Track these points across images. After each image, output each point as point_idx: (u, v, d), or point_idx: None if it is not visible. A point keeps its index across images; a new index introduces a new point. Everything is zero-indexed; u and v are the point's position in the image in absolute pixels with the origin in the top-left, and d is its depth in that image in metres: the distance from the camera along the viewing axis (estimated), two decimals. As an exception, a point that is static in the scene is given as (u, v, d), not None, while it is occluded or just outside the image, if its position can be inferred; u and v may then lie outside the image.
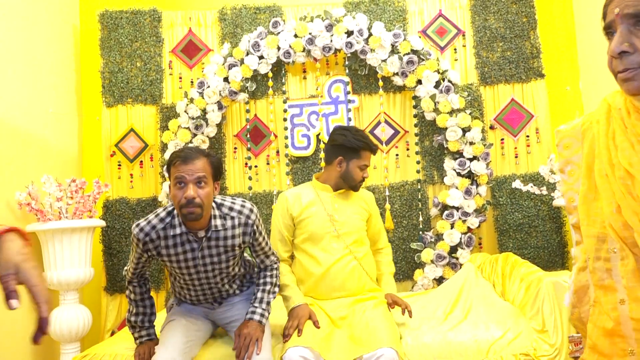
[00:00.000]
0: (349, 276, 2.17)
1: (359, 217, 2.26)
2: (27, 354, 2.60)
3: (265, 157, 3.15)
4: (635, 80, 0.95)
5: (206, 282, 1.95)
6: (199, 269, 1.89)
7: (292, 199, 2.24)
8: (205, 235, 1.84)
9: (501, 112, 3.07)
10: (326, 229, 2.19)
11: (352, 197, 2.29)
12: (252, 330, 1.87)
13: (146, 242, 1.83)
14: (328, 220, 2.20)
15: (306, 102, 3.13)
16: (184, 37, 3.22)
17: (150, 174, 3.15)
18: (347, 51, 2.98)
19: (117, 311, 3.05)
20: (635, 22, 0.94)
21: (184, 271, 1.90)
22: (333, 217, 2.21)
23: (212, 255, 1.88)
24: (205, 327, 2.05)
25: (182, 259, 1.86)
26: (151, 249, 1.84)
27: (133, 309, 1.98)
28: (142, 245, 1.84)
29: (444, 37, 3.15)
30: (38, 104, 2.87)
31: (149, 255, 1.88)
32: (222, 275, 1.95)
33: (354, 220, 2.23)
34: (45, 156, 2.87)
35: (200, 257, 1.86)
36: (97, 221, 2.74)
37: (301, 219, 2.21)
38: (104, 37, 3.15)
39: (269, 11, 3.17)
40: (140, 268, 1.95)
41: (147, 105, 3.16)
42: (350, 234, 2.20)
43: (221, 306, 2.09)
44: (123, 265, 3.02)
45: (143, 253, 1.87)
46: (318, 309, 2.10)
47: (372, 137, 3.10)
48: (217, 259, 1.90)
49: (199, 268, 1.89)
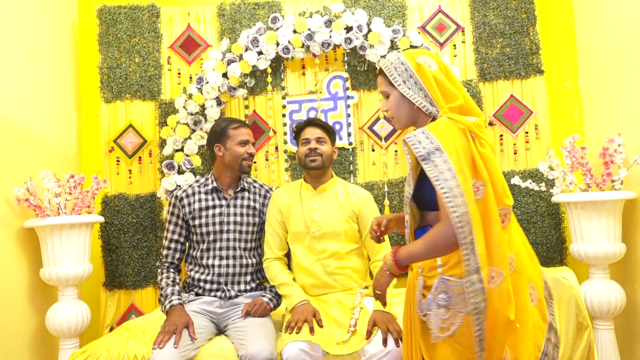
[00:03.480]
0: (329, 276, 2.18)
1: (343, 216, 2.23)
2: (25, 350, 2.61)
3: (264, 153, 3.14)
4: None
5: (225, 247, 2.21)
6: (224, 227, 2.22)
7: (279, 197, 2.32)
8: (234, 192, 2.28)
9: (500, 109, 3.06)
10: (304, 229, 2.22)
11: (335, 196, 2.27)
12: (259, 304, 2.14)
13: (182, 198, 2.26)
14: (305, 220, 2.23)
15: (305, 98, 3.13)
16: (183, 32, 3.21)
17: (149, 169, 3.15)
18: (346, 47, 2.97)
19: (116, 307, 3.05)
20: None
21: (210, 229, 2.21)
22: (312, 218, 2.22)
23: (236, 214, 2.25)
24: (207, 330, 2.08)
25: (210, 214, 2.23)
26: (186, 206, 2.24)
27: (164, 282, 2.19)
28: (179, 203, 2.25)
29: (443, 33, 3.15)
30: (36, 99, 2.86)
31: (184, 219, 2.25)
32: (241, 242, 2.24)
33: (334, 221, 2.22)
34: (43, 152, 2.87)
35: (226, 214, 2.24)
36: (96, 217, 2.74)
37: (285, 217, 2.28)
38: (103, 32, 3.14)
39: (267, 7, 3.16)
40: (174, 244, 2.24)
41: (145, 101, 3.16)
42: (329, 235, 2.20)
43: (229, 305, 2.14)
44: (122, 261, 3.02)
45: (178, 218, 2.25)
46: (314, 304, 2.11)
47: (371, 133, 3.10)
48: (240, 220, 2.25)
49: (223, 227, 2.22)
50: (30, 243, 2.66)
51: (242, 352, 1.89)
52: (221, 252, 2.21)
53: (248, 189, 2.33)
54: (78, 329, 2.61)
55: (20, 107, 2.70)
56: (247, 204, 2.29)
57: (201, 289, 2.21)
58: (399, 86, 1.50)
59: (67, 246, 2.57)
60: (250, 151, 2.27)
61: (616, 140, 2.57)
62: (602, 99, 2.88)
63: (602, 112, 2.88)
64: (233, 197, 2.28)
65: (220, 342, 2.05)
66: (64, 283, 2.60)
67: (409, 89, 1.48)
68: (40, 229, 2.56)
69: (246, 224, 2.27)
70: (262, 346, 1.87)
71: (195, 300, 2.18)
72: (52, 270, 2.56)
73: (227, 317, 2.14)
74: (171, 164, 2.97)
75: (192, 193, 2.27)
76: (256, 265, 2.29)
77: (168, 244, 2.26)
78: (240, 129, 2.28)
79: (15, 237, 2.59)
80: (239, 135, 2.26)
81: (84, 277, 2.65)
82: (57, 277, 2.56)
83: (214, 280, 2.20)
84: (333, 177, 2.35)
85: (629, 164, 2.53)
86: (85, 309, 2.66)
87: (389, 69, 1.53)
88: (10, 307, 2.51)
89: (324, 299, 2.18)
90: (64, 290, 2.63)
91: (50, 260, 2.57)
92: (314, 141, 2.23)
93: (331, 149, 2.29)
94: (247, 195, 2.31)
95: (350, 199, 2.27)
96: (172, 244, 2.26)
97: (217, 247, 2.22)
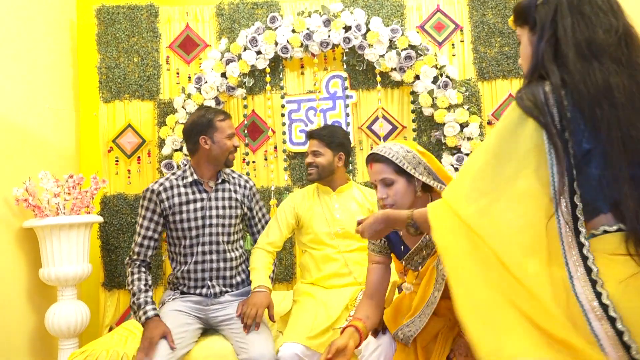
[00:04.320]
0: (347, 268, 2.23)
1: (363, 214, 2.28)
2: (25, 350, 2.60)
3: (263, 152, 3.14)
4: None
5: (208, 242, 2.13)
6: (206, 221, 2.12)
7: (296, 200, 2.35)
8: (215, 184, 2.18)
9: (499, 108, 3.07)
10: (327, 229, 2.27)
11: (353, 197, 2.33)
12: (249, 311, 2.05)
13: (160, 192, 2.12)
14: (327, 220, 2.28)
15: (304, 98, 3.13)
16: (181, 32, 3.20)
17: (148, 169, 3.15)
18: (345, 46, 2.97)
19: (115, 307, 3.05)
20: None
21: (192, 224, 2.11)
22: (333, 217, 2.28)
23: (218, 207, 2.16)
24: (192, 327, 2.04)
25: (191, 209, 2.12)
26: (164, 200, 2.11)
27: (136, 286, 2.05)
28: (156, 197, 2.11)
29: (441, 33, 3.15)
30: (35, 99, 2.86)
31: (160, 215, 2.12)
32: (224, 235, 2.16)
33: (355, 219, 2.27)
34: (42, 152, 2.87)
35: (208, 207, 2.14)
36: (95, 217, 2.74)
37: (305, 220, 2.31)
38: (101, 32, 3.14)
39: (266, 6, 3.16)
40: (147, 241, 2.11)
41: (144, 101, 3.16)
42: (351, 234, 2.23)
43: (215, 304, 2.10)
44: (121, 261, 3.02)
45: (154, 213, 2.11)
46: (317, 303, 2.13)
47: (370, 133, 3.10)
48: (222, 213, 2.16)
49: (205, 221, 2.12)
50: (29, 243, 2.66)
51: (243, 356, 1.88)
52: (204, 247, 2.13)
53: (228, 180, 2.24)
54: (77, 329, 2.61)
55: (18, 107, 2.70)
56: (229, 196, 2.21)
57: (186, 287, 2.14)
58: (412, 172, 1.56)
59: (66, 246, 2.57)
60: (236, 144, 2.21)
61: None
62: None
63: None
64: (214, 190, 2.18)
65: (218, 342, 2.05)
66: (63, 283, 2.60)
67: (420, 174, 1.57)
68: (39, 229, 2.56)
69: (229, 216, 2.18)
70: (263, 350, 1.86)
71: (180, 298, 2.12)
72: (51, 271, 2.55)
73: (214, 313, 2.10)
74: (170, 164, 2.97)
75: (170, 187, 2.14)
76: (239, 259, 2.22)
77: (141, 240, 2.12)
78: (227, 121, 2.20)
79: (14, 238, 2.59)
80: (226, 128, 2.18)
81: (83, 277, 2.65)
82: (56, 277, 2.56)
83: (197, 277, 2.12)
84: (350, 181, 2.41)
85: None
86: (85, 309, 2.66)
87: (397, 158, 1.58)
88: (9, 308, 2.51)
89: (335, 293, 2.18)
90: (63, 291, 2.63)
91: (49, 261, 2.57)
92: (310, 155, 2.30)
93: (330, 158, 2.28)
94: (228, 186, 2.23)
95: (367, 199, 2.33)
96: (146, 241, 2.12)
97: (200, 242, 2.12)
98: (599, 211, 1.03)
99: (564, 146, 0.99)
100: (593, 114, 1.00)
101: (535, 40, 1.15)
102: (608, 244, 1.00)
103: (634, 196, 0.98)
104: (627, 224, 0.98)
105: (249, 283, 2.19)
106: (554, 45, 1.09)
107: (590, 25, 1.07)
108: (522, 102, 1.04)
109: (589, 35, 1.06)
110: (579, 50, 1.06)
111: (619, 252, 0.97)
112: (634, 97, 1.01)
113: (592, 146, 1.01)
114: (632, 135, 0.99)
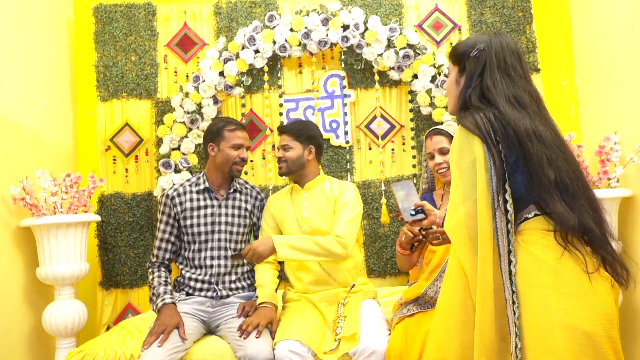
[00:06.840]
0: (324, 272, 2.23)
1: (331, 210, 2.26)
2: (22, 349, 2.60)
3: (261, 151, 3.14)
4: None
5: (217, 247, 2.21)
6: (215, 227, 2.22)
7: (271, 203, 2.36)
8: (227, 193, 2.28)
9: (497, 107, 3.07)
10: (297, 228, 2.25)
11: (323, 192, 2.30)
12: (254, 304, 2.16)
13: (173, 197, 2.24)
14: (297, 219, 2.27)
15: (302, 97, 3.12)
16: (179, 31, 3.20)
17: (146, 168, 3.14)
18: (343, 45, 2.97)
19: (112, 306, 3.04)
20: None
21: (202, 229, 2.21)
22: (302, 215, 2.26)
23: (228, 215, 2.26)
24: (197, 331, 2.07)
25: (202, 215, 2.22)
26: (177, 205, 2.23)
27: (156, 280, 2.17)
28: (170, 202, 2.23)
29: (440, 32, 3.15)
30: (32, 98, 2.85)
31: (174, 219, 2.23)
32: (232, 242, 2.25)
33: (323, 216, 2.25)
34: (39, 151, 2.86)
35: (217, 214, 2.23)
36: (92, 216, 2.73)
37: (279, 220, 2.31)
38: (98, 30, 3.13)
39: (264, 5, 3.15)
40: (165, 244, 2.22)
41: (142, 100, 3.15)
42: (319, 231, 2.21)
43: (220, 305, 2.13)
44: (118, 260, 3.01)
45: (169, 217, 2.23)
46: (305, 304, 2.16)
47: (368, 132, 3.10)
48: (231, 220, 2.25)
49: (214, 227, 2.22)
50: (26, 242, 2.65)
51: (240, 354, 1.88)
52: (212, 252, 2.21)
53: (240, 190, 2.33)
54: (75, 328, 2.60)
55: (15, 105, 2.69)
56: (239, 205, 2.29)
57: (192, 289, 2.20)
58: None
59: (64, 245, 2.56)
60: (242, 156, 2.25)
61: (612, 139, 2.58)
62: (598, 97, 2.89)
63: (598, 110, 2.89)
64: (225, 198, 2.27)
65: (215, 342, 2.05)
66: (60, 282, 2.59)
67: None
68: (37, 228, 2.55)
69: (237, 225, 2.27)
70: (260, 347, 1.87)
71: (185, 300, 2.16)
72: (48, 270, 2.55)
73: (218, 316, 2.14)
74: (168, 163, 2.97)
75: (184, 192, 2.26)
76: (246, 266, 2.30)
77: (159, 243, 2.24)
78: (236, 132, 2.25)
79: (11, 237, 2.58)
80: (233, 138, 2.24)
81: (80, 276, 2.64)
82: (53, 276, 2.55)
83: (205, 280, 2.19)
84: (320, 175, 2.37)
85: (625, 162, 2.53)
86: (82, 308, 2.65)
87: (454, 132, 1.70)
88: (6, 307, 2.51)
89: (321, 295, 2.19)
90: (60, 290, 2.62)
91: (46, 260, 2.56)
92: (281, 149, 2.29)
93: (299, 152, 2.27)
94: (239, 196, 2.31)
95: (333, 192, 2.30)
96: (163, 244, 2.24)
97: (208, 247, 2.22)
98: (528, 203, 1.37)
99: (498, 156, 1.31)
100: (524, 145, 1.32)
101: (462, 83, 1.47)
102: (535, 222, 1.35)
103: (550, 194, 1.33)
104: (547, 211, 1.33)
105: (254, 289, 2.25)
106: (479, 92, 1.41)
107: (515, 86, 1.40)
108: (465, 125, 1.35)
109: (515, 92, 1.39)
110: (508, 100, 1.37)
111: (542, 228, 1.33)
112: (556, 141, 1.37)
113: (516, 159, 1.34)
114: (559, 165, 1.33)
